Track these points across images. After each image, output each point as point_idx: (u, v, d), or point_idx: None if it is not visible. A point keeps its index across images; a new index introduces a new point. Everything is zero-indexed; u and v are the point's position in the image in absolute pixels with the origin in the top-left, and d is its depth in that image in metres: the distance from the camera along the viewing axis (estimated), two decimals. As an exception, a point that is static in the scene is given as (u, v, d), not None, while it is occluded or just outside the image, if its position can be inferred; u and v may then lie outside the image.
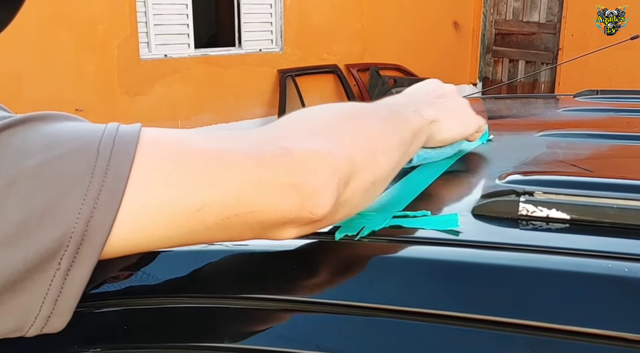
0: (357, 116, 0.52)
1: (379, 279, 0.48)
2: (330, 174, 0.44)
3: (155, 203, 0.39)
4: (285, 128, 0.48)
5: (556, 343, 0.40)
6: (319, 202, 0.44)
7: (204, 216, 0.41)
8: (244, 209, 0.42)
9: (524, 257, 0.45)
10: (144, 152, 0.40)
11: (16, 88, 4.07)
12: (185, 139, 0.43)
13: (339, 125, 0.50)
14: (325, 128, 0.49)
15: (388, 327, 0.45)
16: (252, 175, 0.42)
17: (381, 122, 0.53)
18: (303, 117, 0.51)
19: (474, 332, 0.42)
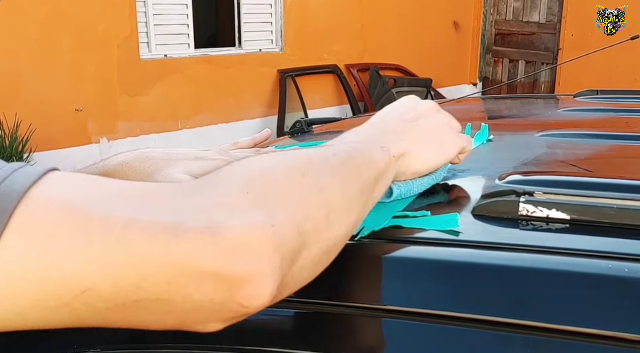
0: (309, 170, 0.43)
1: (379, 279, 0.48)
2: (272, 254, 0.36)
3: (26, 278, 0.32)
4: (222, 191, 0.39)
5: (556, 343, 0.41)
6: (253, 293, 0.35)
7: (90, 300, 0.33)
8: (145, 296, 0.34)
9: (524, 257, 0.45)
10: (27, 211, 0.32)
11: (16, 88, 4.07)
12: (85, 201, 0.35)
13: (287, 184, 0.41)
14: (270, 190, 0.40)
15: (388, 327, 0.45)
16: (161, 255, 0.34)
17: (338, 172, 0.45)
18: (245, 174, 0.41)
19: (474, 332, 0.42)
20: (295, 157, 0.46)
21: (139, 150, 0.66)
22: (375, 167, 0.49)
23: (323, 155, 0.46)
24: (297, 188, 0.41)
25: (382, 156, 0.50)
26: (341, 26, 5.90)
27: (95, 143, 4.51)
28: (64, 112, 4.29)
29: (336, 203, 0.43)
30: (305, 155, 0.46)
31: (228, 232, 0.35)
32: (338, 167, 0.45)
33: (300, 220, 0.39)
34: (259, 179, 0.40)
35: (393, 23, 6.29)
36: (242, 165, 0.43)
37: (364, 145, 0.51)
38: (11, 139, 3.94)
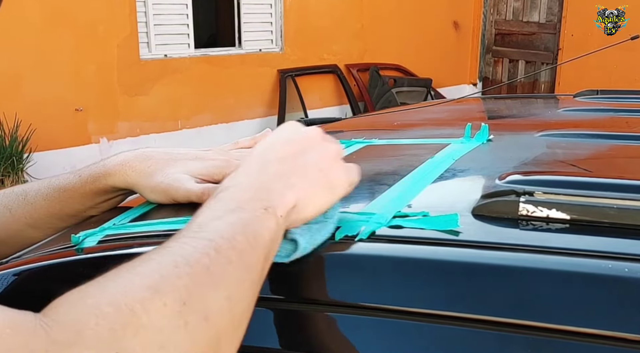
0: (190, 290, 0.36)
1: (379, 279, 0.48)
2: None
3: None
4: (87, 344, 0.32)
5: (556, 343, 0.40)
6: None
7: None
8: None
9: (524, 257, 0.45)
10: None
11: (16, 88, 4.07)
12: None
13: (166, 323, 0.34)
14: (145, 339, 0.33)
15: (388, 327, 0.45)
16: None
17: (225, 277, 0.39)
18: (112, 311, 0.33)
19: (474, 332, 0.42)
20: (169, 275, 0.37)
21: (139, 150, 0.66)
22: (263, 243, 0.43)
23: (202, 258, 0.38)
24: (178, 330, 0.34)
25: (268, 223, 0.44)
26: (341, 26, 5.90)
27: (95, 143, 4.51)
28: (64, 112, 4.30)
29: (226, 326, 0.37)
30: (181, 267, 0.37)
31: None
32: (223, 273, 0.38)
33: None
34: (129, 327, 0.33)
35: (393, 23, 6.28)
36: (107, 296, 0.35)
37: (246, 213, 0.44)
38: (11, 139, 3.94)
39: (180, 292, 0.35)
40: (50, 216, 0.68)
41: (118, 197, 0.68)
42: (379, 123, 1.28)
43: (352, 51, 6.06)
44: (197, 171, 0.63)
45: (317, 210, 0.50)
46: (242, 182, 0.48)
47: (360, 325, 0.47)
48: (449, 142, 0.81)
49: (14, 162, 3.92)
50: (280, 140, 0.52)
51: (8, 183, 3.84)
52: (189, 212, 0.60)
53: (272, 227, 0.44)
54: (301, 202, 0.48)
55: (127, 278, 0.36)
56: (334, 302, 0.48)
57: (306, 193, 0.49)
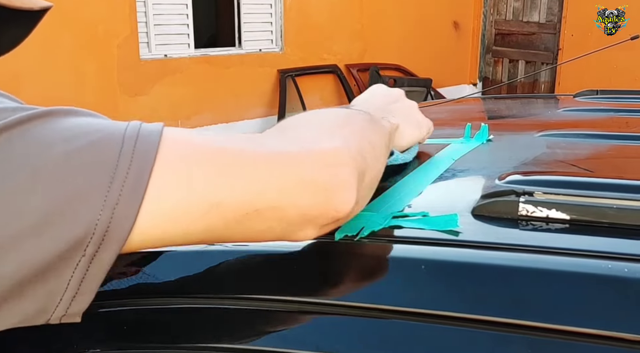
0: (350, 120, 0.54)
1: (379, 279, 0.48)
2: (352, 170, 0.45)
3: (176, 198, 0.39)
4: (303, 130, 0.49)
5: (556, 344, 0.41)
6: (344, 199, 0.44)
7: (223, 211, 0.40)
8: (265, 205, 0.42)
9: (524, 257, 0.45)
10: (166, 147, 0.40)
11: (16, 88, 4.07)
12: (205, 138, 0.43)
13: (340, 126, 0.51)
14: (332, 129, 0.49)
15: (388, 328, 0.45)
16: (274, 171, 0.42)
17: (369, 125, 0.55)
18: (307, 119, 0.52)
19: (474, 332, 0.43)
20: (335, 111, 0.57)
21: None
22: (386, 131, 0.58)
23: (353, 113, 0.56)
24: (348, 129, 0.50)
25: (387, 124, 0.60)
26: (341, 26, 5.90)
27: (95, 143, 4.51)
28: (64, 112, 4.29)
29: (376, 146, 0.53)
30: (341, 111, 0.57)
31: (321, 152, 0.44)
32: (367, 122, 0.55)
33: (361, 150, 0.48)
34: (322, 124, 0.51)
35: (393, 23, 6.29)
36: (299, 117, 0.53)
37: (371, 114, 0.58)
38: (11, 139, 3.94)
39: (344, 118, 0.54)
40: None
41: None
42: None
43: (352, 51, 6.06)
44: None
45: (409, 141, 0.68)
46: (361, 105, 0.63)
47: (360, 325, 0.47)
48: (449, 142, 0.82)
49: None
50: (377, 92, 0.69)
51: (8, 184, 3.83)
52: None
53: (388, 126, 0.60)
54: (400, 129, 0.64)
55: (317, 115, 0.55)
56: (334, 302, 0.48)
57: (403, 124, 0.65)
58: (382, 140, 0.56)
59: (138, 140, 0.39)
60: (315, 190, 0.43)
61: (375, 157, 0.51)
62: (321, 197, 0.43)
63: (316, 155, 0.44)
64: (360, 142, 0.49)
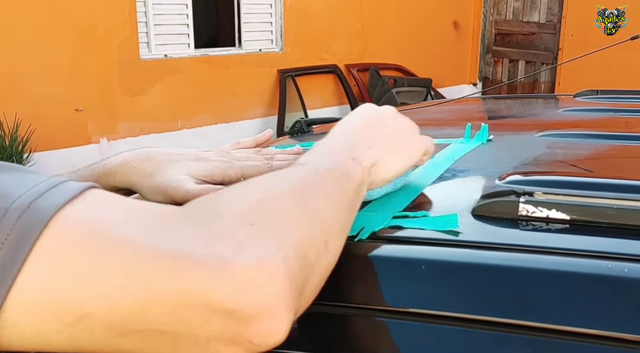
0: (304, 194, 0.43)
1: (379, 280, 0.48)
2: (286, 289, 0.35)
3: (41, 300, 0.32)
4: (226, 221, 0.37)
5: (556, 344, 0.40)
6: (265, 330, 0.34)
7: (91, 325, 0.33)
8: (148, 326, 0.33)
9: (524, 257, 0.45)
10: (49, 236, 0.33)
11: (16, 88, 4.07)
12: (101, 225, 0.35)
13: (287, 212, 0.40)
14: (273, 220, 0.38)
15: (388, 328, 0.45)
16: (166, 287, 0.33)
17: (327, 192, 0.45)
18: (245, 202, 0.40)
19: (474, 332, 0.42)
20: (288, 180, 0.44)
21: (140, 150, 0.66)
22: (354, 181, 0.49)
23: (310, 176, 0.46)
24: (297, 215, 0.40)
25: (357, 170, 0.50)
26: (341, 26, 5.90)
27: (95, 143, 4.51)
28: (64, 112, 4.29)
29: (332, 226, 0.43)
30: (295, 177, 0.45)
31: (238, 268, 0.34)
32: (325, 186, 0.45)
33: (305, 250, 0.38)
34: (260, 210, 0.39)
35: (393, 23, 6.29)
36: (240, 193, 0.42)
37: (339, 158, 0.50)
38: (11, 139, 3.94)
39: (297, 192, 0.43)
40: None
41: None
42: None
43: (352, 51, 6.05)
44: (197, 172, 0.63)
45: (394, 173, 0.56)
46: (330, 142, 0.54)
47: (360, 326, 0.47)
48: (449, 142, 0.81)
49: (14, 162, 3.92)
50: (361, 115, 0.58)
51: (8, 183, 3.83)
52: None
53: (359, 171, 0.50)
54: (381, 162, 0.54)
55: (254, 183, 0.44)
56: (334, 302, 0.48)
57: (385, 155, 0.54)
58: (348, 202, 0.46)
59: (23, 216, 0.33)
60: (223, 317, 0.34)
61: (328, 246, 0.42)
62: (231, 326, 0.34)
63: (231, 272, 0.34)
64: (308, 234, 0.39)
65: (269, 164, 0.66)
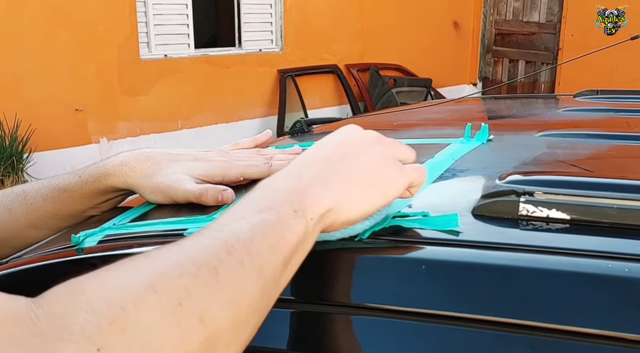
0: (191, 288, 0.35)
1: (379, 279, 0.48)
2: None
3: None
4: (71, 337, 0.31)
5: (556, 344, 0.40)
6: None
7: None
8: None
9: (524, 257, 0.45)
10: None
11: (16, 88, 4.07)
12: None
13: (158, 321, 0.33)
14: (133, 336, 0.32)
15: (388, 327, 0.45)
16: None
17: (232, 279, 0.37)
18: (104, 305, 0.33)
19: (474, 332, 0.42)
20: (172, 273, 0.36)
21: (139, 150, 0.66)
22: (287, 245, 0.41)
23: (210, 258, 0.37)
24: (170, 329, 0.33)
25: (296, 226, 0.43)
26: (341, 26, 5.90)
27: (95, 143, 4.51)
28: (64, 112, 4.30)
29: (225, 330, 0.36)
30: (187, 265, 0.36)
31: None
32: (231, 275, 0.37)
33: None
34: (118, 322, 0.32)
35: (393, 23, 6.29)
36: (101, 291, 0.34)
37: (273, 215, 0.42)
38: (11, 139, 3.94)
39: (178, 292, 0.35)
40: (50, 216, 0.68)
41: (118, 197, 0.68)
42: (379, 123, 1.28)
43: (352, 51, 6.06)
44: (196, 172, 0.63)
45: (359, 213, 0.48)
46: (279, 182, 0.47)
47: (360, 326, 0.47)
48: (449, 142, 0.81)
49: (14, 162, 3.92)
50: (332, 142, 0.51)
51: (8, 183, 3.84)
52: (188, 212, 0.60)
53: (299, 230, 0.43)
54: (340, 204, 0.46)
55: (127, 274, 0.36)
56: (334, 302, 0.48)
57: (347, 195, 0.47)
58: (262, 282, 0.39)
59: None
60: None
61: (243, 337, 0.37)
62: None
63: None
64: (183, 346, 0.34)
65: (269, 164, 0.66)
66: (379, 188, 0.49)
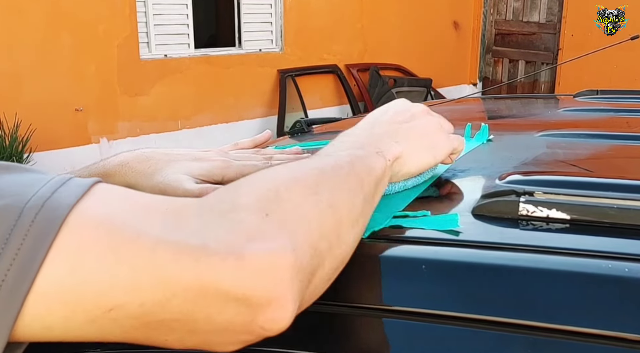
0: (320, 187, 0.44)
1: (379, 279, 0.48)
2: (293, 279, 0.36)
3: (65, 295, 0.34)
4: (241, 212, 0.39)
5: (556, 344, 0.40)
6: (275, 316, 0.36)
7: (117, 317, 0.35)
8: (170, 316, 0.35)
9: (524, 257, 0.45)
10: (70, 229, 0.35)
11: (16, 88, 4.07)
12: (119, 220, 0.37)
13: (302, 204, 0.41)
14: (288, 212, 0.40)
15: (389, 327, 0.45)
16: (186, 277, 0.35)
17: (345, 186, 0.46)
18: (262, 193, 0.41)
19: (474, 332, 0.42)
20: (306, 172, 0.46)
21: (139, 151, 0.66)
22: (375, 175, 0.50)
23: (329, 168, 0.47)
24: (311, 208, 0.41)
25: (379, 163, 0.51)
26: (341, 26, 5.90)
27: (95, 143, 4.51)
28: (64, 112, 4.29)
29: (345, 219, 0.44)
30: (313, 169, 0.46)
31: (251, 257, 0.36)
32: (344, 181, 0.46)
33: (316, 241, 0.40)
34: (275, 200, 0.40)
35: (393, 23, 6.29)
36: (256, 182, 0.43)
37: (362, 151, 0.51)
38: (11, 139, 3.94)
39: (313, 184, 0.44)
40: None
41: None
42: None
43: (352, 51, 6.06)
44: (196, 171, 0.63)
45: (418, 168, 0.58)
46: (356, 134, 0.56)
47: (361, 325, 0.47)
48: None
49: (14, 162, 3.92)
50: (392, 110, 0.61)
51: (8, 184, 3.83)
52: None
53: (381, 165, 0.51)
54: (405, 156, 0.56)
55: (271, 173, 0.45)
56: (334, 301, 0.48)
57: (409, 151, 0.56)
58: (362, 198, 0.47)
59: (38, 215, 0.34)
60: (237, 304, 0.36)
61: (341, 238, 0.43)
62: (243, 312, 0.36)
63: (245, 263, 0.36)
64: (321, 225, 0.41)
65: (268, 164, 0.66)
66: (432, 149, 0.59)
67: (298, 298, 0.37)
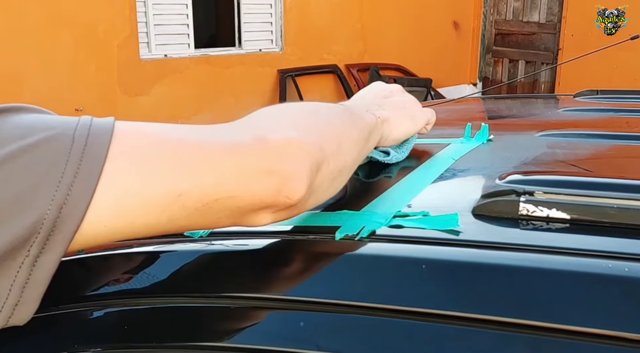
0: (319, 112, 0.56)
1: (379, 279, 0.48)
2: (304, 160, 0.47)
3: (134, 191, 0.40)
4: (259, 121, 0.51)
5: (556, 343, 0.40)
6: (294, 187, 0.46)
7: (184, 202, 0.42)
8: (223, 195, 0.43)
9: (524, 257, 0.45)
10: (120, 139, 0.40)
11: (16, 88, 4.07)
12: (162, 130, 0.45)
13: (306, 118, 0.53)
14: (294, 121, 0.52)
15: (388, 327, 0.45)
16: (230, 162, 0.44)
17: (341, 117, 0.57)
18: (271, 112, 0.54)
19: (474, 332, 0.42)
20: (306, 104, 0.57)
21: None
22: (366, 123, 0.60)
23: (327, 105, 0.58)
24: (313, 121, 0.53)
25: (370, 117, 0.62)
26: (341, 26, 5.90)
27: (95, 143, 4.51)
28: (64, 112, 4.21)
29: (343, 137, 0.54)
30: (314, 104, 0.57)
31: (275, 142, 0.46)
32: (340, 114, 0.57)
33: (319, 141, 0.49)
34: (285, 116, 0.53)
35: (393, 23, 6.29)
36: (265, 110, 0.54)
37: (354, 109, 0.62)
38: (11, 139, 3.94)
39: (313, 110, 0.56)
40: None
41: None
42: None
43: (352, 51, 6.06)
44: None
45: (403, 133, 0.70)
46: (346, 103, 0.66)
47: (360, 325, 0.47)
48: (449, 142, 0.82)
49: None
50: (373, 89, 0.73)
51: (8, 183, 3.83)
52: None
53: (372, 120, 0.62)
54: (391, 121, 0.66)
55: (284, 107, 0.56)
56: (334, 301, 0.48)
57: (394, 117, 0.67)
58: (356, 133, 0.57)
59: (90, 134, 0.39)
60: (269, 179, 0.45)
61: (340, 149, 0.53)
62: (274, 185, 0.45)
63: (270, 146, 0.46)
64: (321, 133, 0.51)
65: None
66: (413, 118, 0.71)
67: (310, 178, 0.47)
